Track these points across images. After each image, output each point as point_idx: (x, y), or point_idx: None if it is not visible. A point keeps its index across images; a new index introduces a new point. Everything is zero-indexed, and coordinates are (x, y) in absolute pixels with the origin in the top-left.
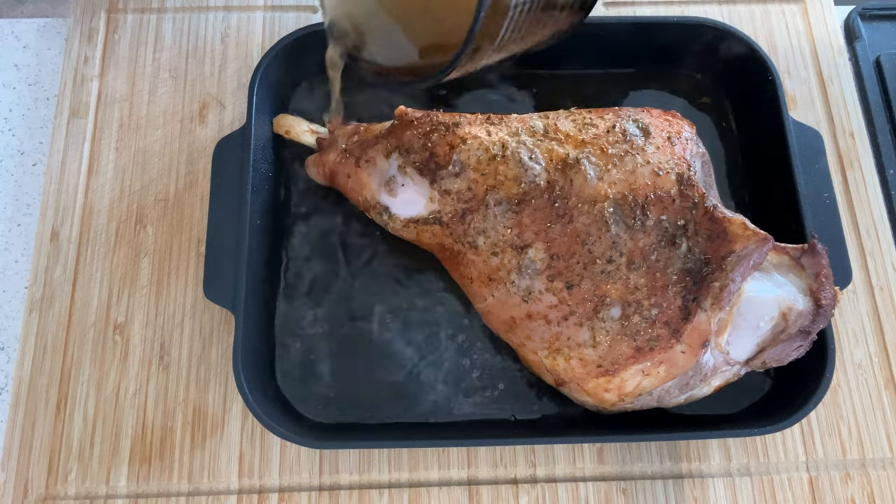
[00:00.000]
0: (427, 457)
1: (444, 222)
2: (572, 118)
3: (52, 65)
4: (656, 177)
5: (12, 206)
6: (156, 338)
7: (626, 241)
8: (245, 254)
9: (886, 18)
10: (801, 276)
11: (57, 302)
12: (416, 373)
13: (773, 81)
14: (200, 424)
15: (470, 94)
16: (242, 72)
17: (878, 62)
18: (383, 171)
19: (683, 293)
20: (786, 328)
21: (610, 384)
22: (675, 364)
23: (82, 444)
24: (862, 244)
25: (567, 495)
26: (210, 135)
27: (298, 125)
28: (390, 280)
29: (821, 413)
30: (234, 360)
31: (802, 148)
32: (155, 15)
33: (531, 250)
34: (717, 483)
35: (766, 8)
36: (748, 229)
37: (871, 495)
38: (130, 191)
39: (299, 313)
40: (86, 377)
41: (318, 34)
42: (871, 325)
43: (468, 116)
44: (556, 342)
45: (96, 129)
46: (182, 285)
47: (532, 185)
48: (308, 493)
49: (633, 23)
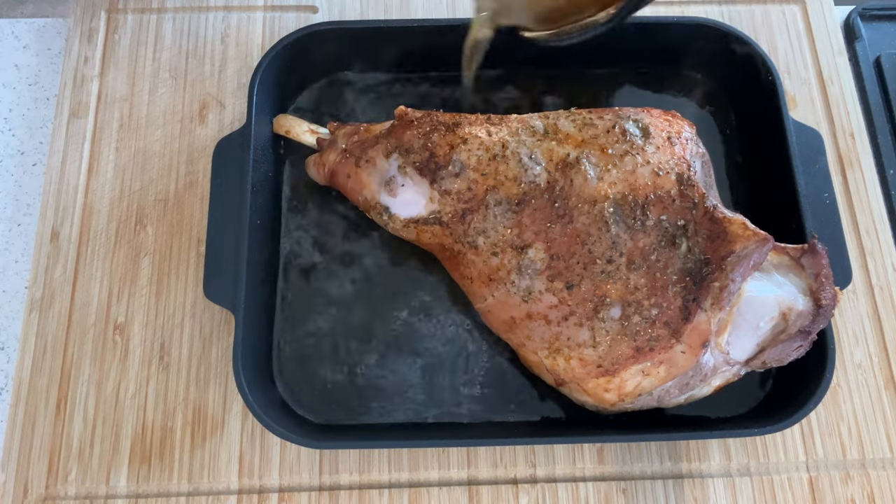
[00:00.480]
0: (427, 457)
1: (444, 222)
2: (572, 118)
3: (52, 65)
4: (656, 177)
5: (12, 206)
6: (156, 338)
7: (626, 241)
8: (245, 254)
9: (886, 18)
10: (801, 276)
11: (57, 302)
12: (417, 373)
13: (773, 81)
14: (200, 424)
15: (470, 94)
16: (242, 72)
17: (878, 62)
18: (383, 171)
19: (683, 293)
20: (786, 328)
21: (610, 384)
22: (675, 364)
23: (82, 444)
24: (862, 244)
25: (567, 495)
26: (210, 135)
27: (298, 125)
28: (390, 280)
29: (821, 413)
30: (234, 360)
31: (802, 148)
32: (155, 15)
33: (531, 250)
34: (717, 483)
35: (766, 8)
36: (748, 229)
37: (871, 495)
38: (130, 191)
39: (299, 313)
40: (86, 377)
41: (319, 34)
42: (871, 325)
43: (468, 116)
44: (556, 342)
45: (96, 129)
46: (182, 285)
47: (532, 185)
48: (308, 493)
49: (633, 23)
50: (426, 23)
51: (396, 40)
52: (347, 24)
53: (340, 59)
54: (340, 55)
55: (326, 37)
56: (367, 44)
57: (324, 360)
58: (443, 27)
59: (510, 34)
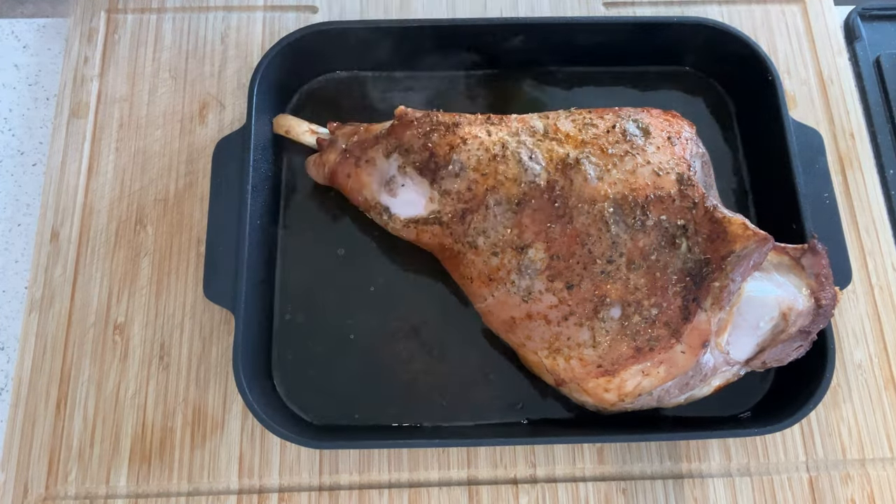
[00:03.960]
0: (427, 457)
1: (444, 222)
2: (572, 118)
3: (52, 65)
4: (656, 177)
5: (12, 206)
6: (156, 338)
7: (626, 242)
8: (245, 254)
9: (886, 18)
10: (801, 276)
11: (57, 302)
12: (417, 373)
13: (773, 81)
14: (200, 424)
15: (470, 94)
16: (242, 72)
17: (878, 62)
18: (383, 171)
19: (683, 293)
20: (786, 328)
21: (610, 384)
22: (675, 364)
23: (82, 444)
24: (862, 244)
25: (567, 495)
26: (210, 135)
27: (298, 125)
28: (390, 280)
29: (821, 413)
30: (234, 360)
31: (802, 148)
32: (155, 15)
33: (531, 250)
34: (717, 483)
35: (766, 8)
36: (748, 229)
37: (871, 495)
38: (130, 191)
39: (299, 313)
40: (86, 377)
41: (319, 34)
42: (871, 325)
43: (468, 116)
44: (556, 342)
45: (96, 129)
46: (182, 285)
47: (532, 186)
48: (308, 493)
49: (633, 23)
50: (426, 23)
51: (396, 40)
52: (347, 24)
53: (340, 59)
54: (340, 55)
55: (326, 37)
56: (367, 44)
57: (324, 360)
58: (443, 27)
59: (510, 34)
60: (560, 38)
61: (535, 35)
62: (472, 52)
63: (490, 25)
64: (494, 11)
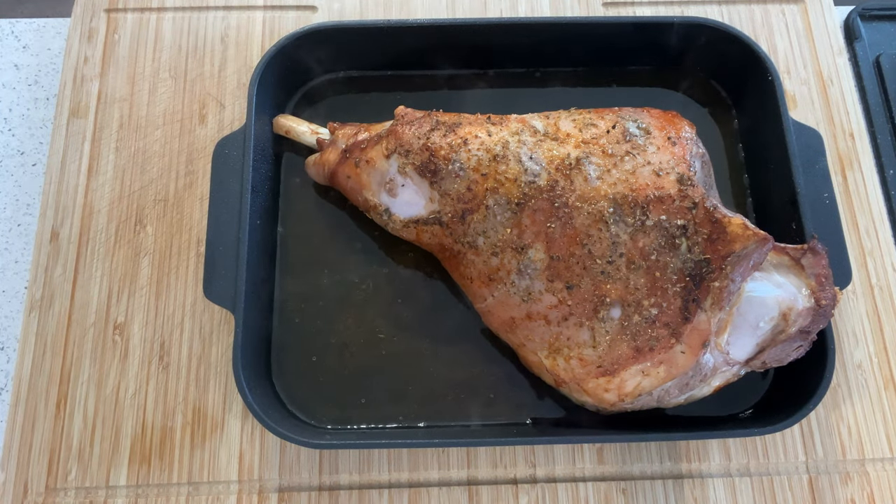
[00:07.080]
0: (427, 457)
1: (444, 223)
2: (572, 118)
3: (52, 65)
4: (656, 177)
5: (12, 206)
6: (156, 338)
7: (626, 242)
8: (245, 254)
9: (886, 18)
10: (801, 276)
11: (57, 302)
12: (416, 373)
13: (773, 81)
14: (200, 424)
15: (470, 94)
16: (242, 72)
17: (878, 62)
18: (383, 171)
19: (683, 293)
20: (786, 328)
21: (610, 384)
22: (675, 364)
23: (82, 444)
24: (862, 244)
25: (567, 495)
26: (210, 135)
27: (298, 125)
28: (391, 280)
29: (820, 413)
30: (234, 360)
31: (802, 148)
32: (155, 15)
33: (531, 251)
34: (717, 483)
35: (766, 8)
36: (748, 229)
37: (871, 495)
38: (130, 191)
39: (299, 313)
40: (85, 377)
41: (318, 34)
42: (871, 326)
43: (468, 117)
44: (556, 342)
45: (96, 129)
46: (182, 285)
47: (532, 186)
48: (308, 493)
49: (633, 23)
50: (426, 23)
51: (396, 40)
52: (347, 24)
53: (340, 59)
54: (340, 55)
55: (326, 36)
56: (367, 43)
57: (324, 360)
58: (443, 27)
59: (510, 34)
60: (560, 38)
61: (535, 35)
62: (472, 52)
63: (490, 25)
64: (494, 11)
